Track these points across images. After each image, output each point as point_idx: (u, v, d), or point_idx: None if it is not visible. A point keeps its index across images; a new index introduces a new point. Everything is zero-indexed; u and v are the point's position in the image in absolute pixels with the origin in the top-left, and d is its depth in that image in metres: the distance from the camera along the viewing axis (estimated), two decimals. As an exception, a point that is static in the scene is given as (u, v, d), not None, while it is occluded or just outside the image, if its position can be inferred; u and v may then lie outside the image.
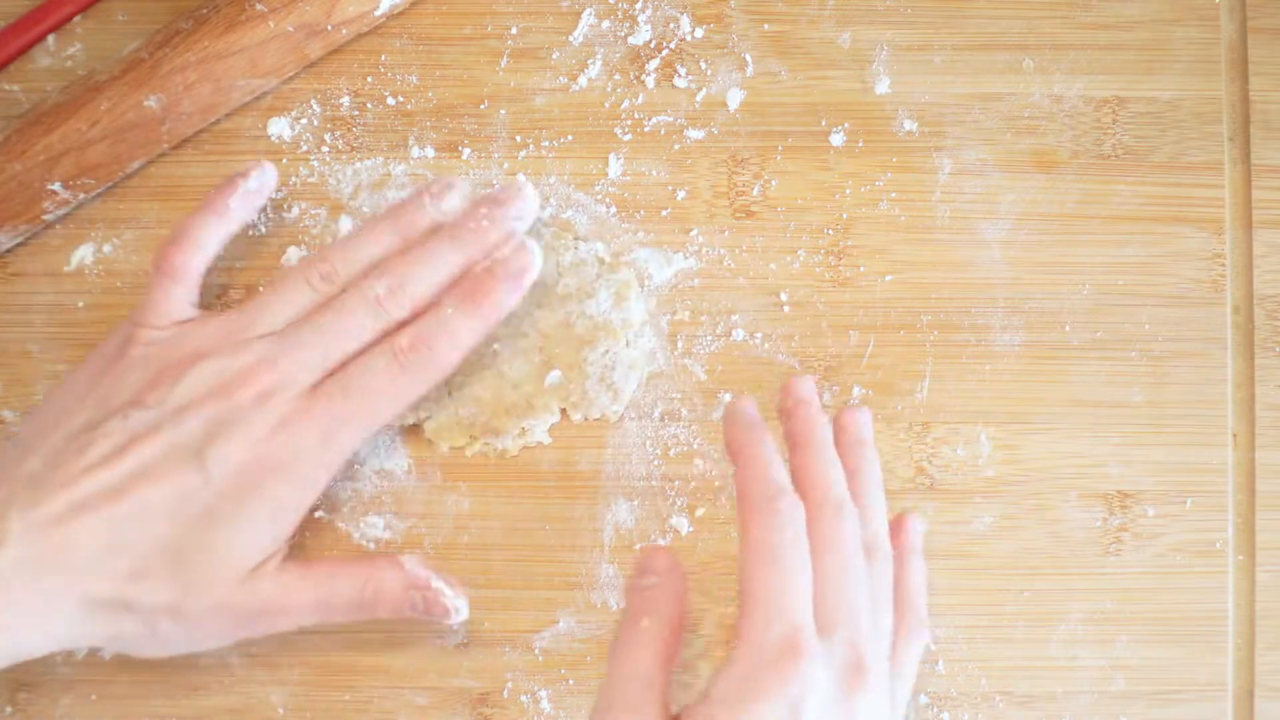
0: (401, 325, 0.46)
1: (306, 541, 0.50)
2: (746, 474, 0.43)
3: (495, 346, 0.51)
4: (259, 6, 0.49)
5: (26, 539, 0.42)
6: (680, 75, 0.53)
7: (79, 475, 0.43)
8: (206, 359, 0.45)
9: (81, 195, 0.50)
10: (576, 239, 0.51)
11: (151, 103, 0.49)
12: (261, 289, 0.47)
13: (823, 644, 0.41)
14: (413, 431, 0.51)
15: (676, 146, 0.52)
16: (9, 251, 0.51)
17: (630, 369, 0.51)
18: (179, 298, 0.47)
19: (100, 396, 0.45)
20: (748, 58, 0.53)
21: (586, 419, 0.51)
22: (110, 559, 0.43)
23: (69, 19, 0.52)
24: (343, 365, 0.46)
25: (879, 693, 0.42)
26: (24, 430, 0.46)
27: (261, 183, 0.48)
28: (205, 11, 0.50)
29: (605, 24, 0.53)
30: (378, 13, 0.51)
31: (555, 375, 0.50)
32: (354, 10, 0.50)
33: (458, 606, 0.46)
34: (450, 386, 0.50)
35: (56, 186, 0.49)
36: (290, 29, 0.49)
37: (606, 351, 0.50)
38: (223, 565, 0.44)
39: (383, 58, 0.53)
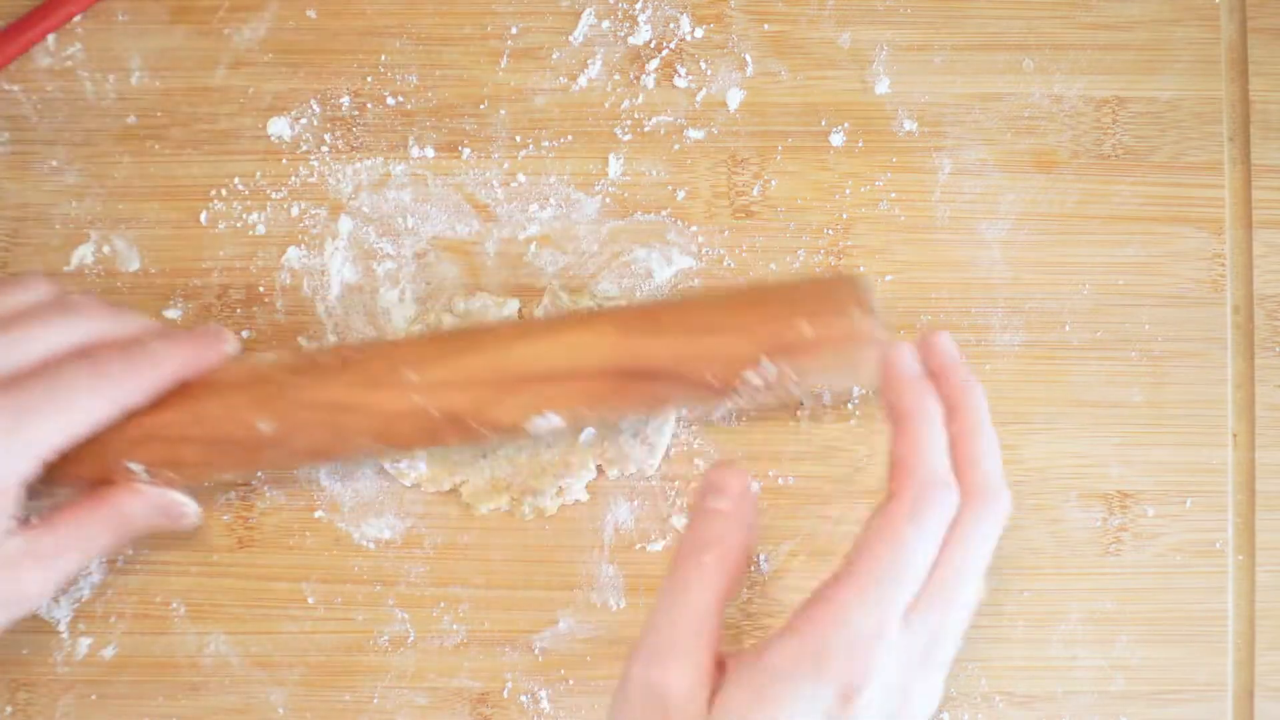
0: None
1: (307, 543, 0.50)
2: (908, 450, 0.40)
3: None
4: (411, 376, 0.44)
5: None
6: (680, 75, 0.53)
7: None
8: None
9: (152, 479, 0.46)
10: (594, 294, 0.51)
11: (264, 427, 0.45)
12: None
13: (904, 629, 0.39)
14: (450, 495, 0.51)
15: (676, 146, 0.52)
16: (8, 251, 0.51)
17: (663, 421, 0.51)
18: None
19: None
20: (748, 58, 0.53)
21: (623, 474, 0.51)
22: None
23: (69, 19, 0.52)
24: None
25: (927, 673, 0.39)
26: None
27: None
28: (351, 353, 0.46)
29: (605, 24, 0.53)
30: (530, 429, 0.45)
31: (588, 432, 0.50)
32: (506, 419, 0.45)
33: (192, 508, 0.46)
34: (484, 449, 0.50)
35: (135, 466, 0.45)
36: (435, 413, 0.44)
37: None
38: None
39: (383, 58, 0.53)
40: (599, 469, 0.51)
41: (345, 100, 0.52)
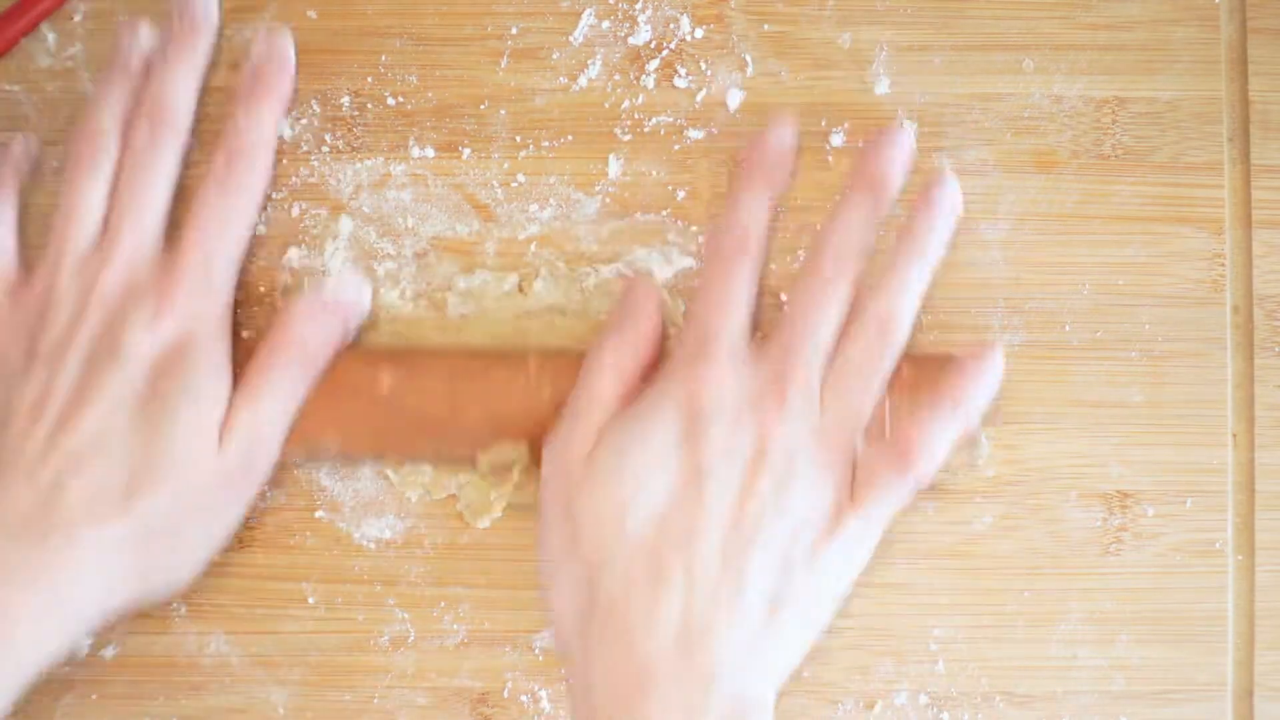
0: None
1: (307, 543, 0.50)
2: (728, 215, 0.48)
3: None
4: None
5: (18, 532, 0.42)
6: (680, 75, 0.53)
7: (21, 442, 0.43)
8: (57, 288, 0.45)
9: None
10: (594, 264, 0.51)
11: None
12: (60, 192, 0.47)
13: (752, 358, 0.44)
14: (448, 500, 0.51)
15: (676, 146, 0.52)
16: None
17: None
18: None
19: None
20: (748, 58, 0.53)
21: None
22: (101, 498, 0.43)
23: (61, 2, 0.52)
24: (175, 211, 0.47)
25: (804, 442, 0.43)
26: None
27: (26, 149, 0.50)
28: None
29: (605, 24, 0.53)
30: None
31: None
32: None
33: (362, 291, 0.49)
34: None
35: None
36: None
37: None
38: (194, 439, 0.44)
39: (383, 58, 0.53)
40: None
41: (345, 100, 0.52)
